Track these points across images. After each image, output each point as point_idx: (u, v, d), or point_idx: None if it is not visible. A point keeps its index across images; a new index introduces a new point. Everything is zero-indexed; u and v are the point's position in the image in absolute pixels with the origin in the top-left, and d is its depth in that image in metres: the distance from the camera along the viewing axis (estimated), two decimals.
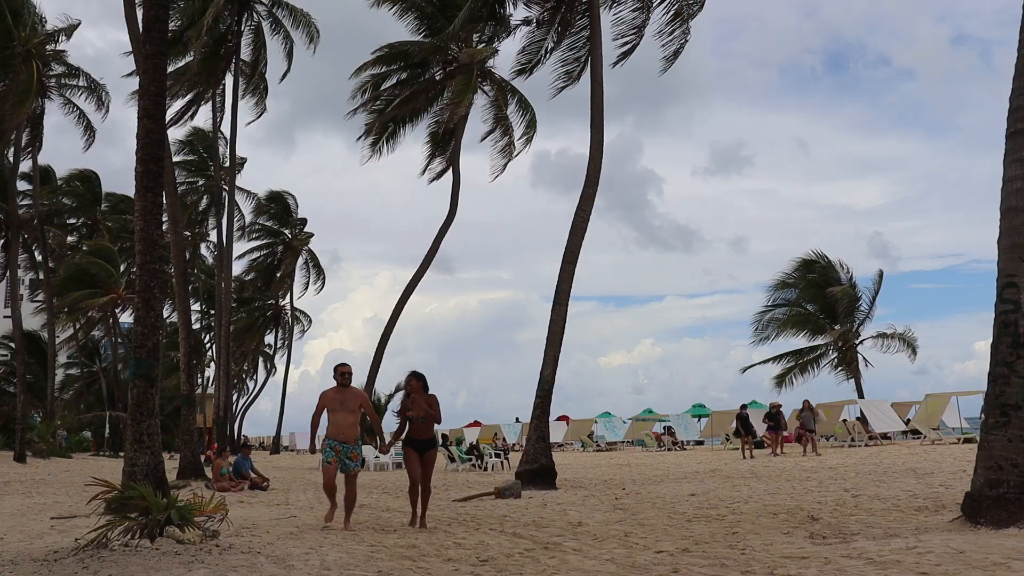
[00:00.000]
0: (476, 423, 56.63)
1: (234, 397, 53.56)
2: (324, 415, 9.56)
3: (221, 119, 34.50)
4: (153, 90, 12.45)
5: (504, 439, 43.90)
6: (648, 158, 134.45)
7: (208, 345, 56.50)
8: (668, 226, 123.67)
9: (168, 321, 47.36)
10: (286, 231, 54.98)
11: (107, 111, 36.85)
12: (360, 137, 28.02)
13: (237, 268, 49.65)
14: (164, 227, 18.98)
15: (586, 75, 18.94)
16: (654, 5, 19.71)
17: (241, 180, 47.33)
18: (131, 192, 19.45)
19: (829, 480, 14.86)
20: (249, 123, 35.77)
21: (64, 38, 34.36)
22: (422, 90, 27.80)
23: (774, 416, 26.84)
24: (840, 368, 41.49)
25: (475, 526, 9.64)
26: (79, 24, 34.44)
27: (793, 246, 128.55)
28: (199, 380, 51.85)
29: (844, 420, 33.42)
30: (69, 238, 51.32)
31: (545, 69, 21.39)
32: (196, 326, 51.89)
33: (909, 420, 33.05)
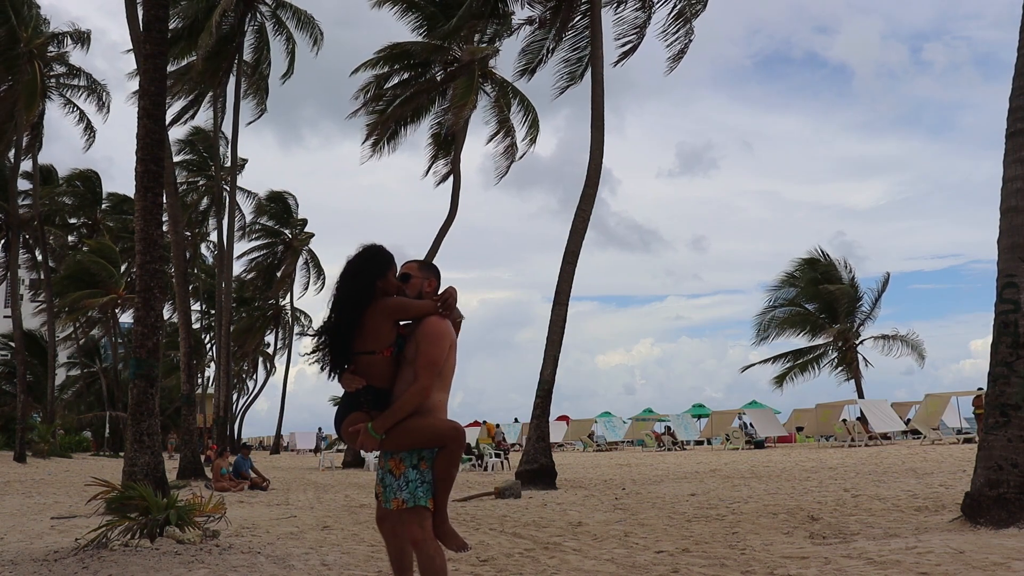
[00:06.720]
0: (476, 423, 56.62)
1: (234, 397, 53.60)
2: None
3: (222, 119, 34.50)
4: (153, 90, 12.49)
5: (504, 437, 43.87)
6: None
7: (208, 345, 56.54)
8: (625, 224, 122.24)
9: (168, 321, 47.34)
10: (286, 231, 55.02)
11: (108, 111, 36.92)
12: (365, 141, 28.02)
13: (237, 268, 49.71)
14: (164, 227, 18.97)
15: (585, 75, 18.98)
16: (656, 5, 19.71)
17: (241, 180, 47.35)
18: (131, 191, 19.42)
19: (829, 480, 14.87)
20: (249, 123, 35.71)
21: (71, 42, 34.45)
22: (423, 90, 27.75)
23: None
24: (840, 368, 41.46)
25: (475, 526, 9.63)
26: (89, 33, 34.63)
27: (750, 246, 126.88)
28: (199, 380, 51.87)
29: (844, 420, 33.46)
30: (69, 238, 51.29)
31: (542, 69, 21.44)
32: (196, 326, 51.86)
33: (909, 420, 33.10)
